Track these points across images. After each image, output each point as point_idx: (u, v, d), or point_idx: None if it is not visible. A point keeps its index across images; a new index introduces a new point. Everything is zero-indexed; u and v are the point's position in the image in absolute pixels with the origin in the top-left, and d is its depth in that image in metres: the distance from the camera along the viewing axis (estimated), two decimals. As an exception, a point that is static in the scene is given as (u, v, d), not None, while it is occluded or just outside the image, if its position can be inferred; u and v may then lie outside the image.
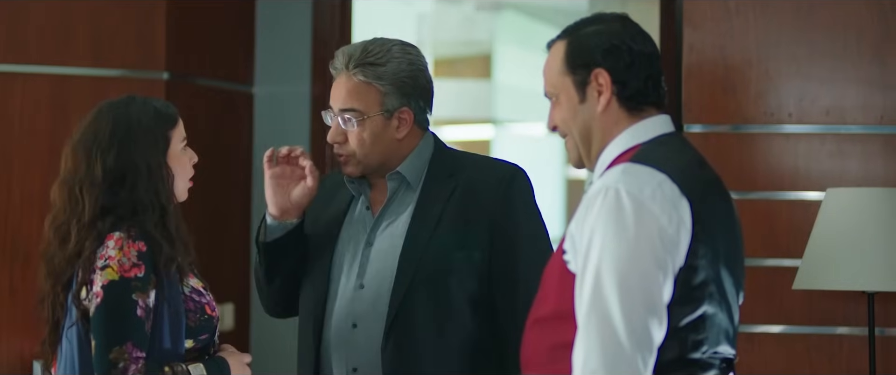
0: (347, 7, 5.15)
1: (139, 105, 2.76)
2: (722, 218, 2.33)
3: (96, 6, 4.53)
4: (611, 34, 2.38)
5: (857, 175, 4.03)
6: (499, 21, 11.14)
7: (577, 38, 2.40)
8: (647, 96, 2.38)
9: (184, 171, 2.79)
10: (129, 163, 2.69)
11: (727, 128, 4.11)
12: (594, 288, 2.20)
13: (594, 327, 2.18)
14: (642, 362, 2.18)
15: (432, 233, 2.87)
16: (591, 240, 2.23)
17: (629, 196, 2.22)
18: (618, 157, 2.34)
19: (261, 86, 5.14)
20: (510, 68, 11.51)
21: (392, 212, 2.93)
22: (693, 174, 2.31)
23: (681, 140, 2.42)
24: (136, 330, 2.61)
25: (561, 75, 2.41)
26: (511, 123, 11.68)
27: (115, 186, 2.69)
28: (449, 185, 2.91)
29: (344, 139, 2.92)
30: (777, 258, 4.05)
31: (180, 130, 2.79)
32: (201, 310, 2.73)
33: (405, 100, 2.91)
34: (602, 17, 2.43)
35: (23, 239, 4.42)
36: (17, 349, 4.39)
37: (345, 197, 3.01)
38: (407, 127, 2.92)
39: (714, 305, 2.28)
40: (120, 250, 2.63)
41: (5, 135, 4.49)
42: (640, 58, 2.37)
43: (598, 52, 2.36)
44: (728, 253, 2.32)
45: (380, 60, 2.89)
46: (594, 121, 2.38)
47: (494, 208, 2.88)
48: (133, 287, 2.61)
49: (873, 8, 4.04)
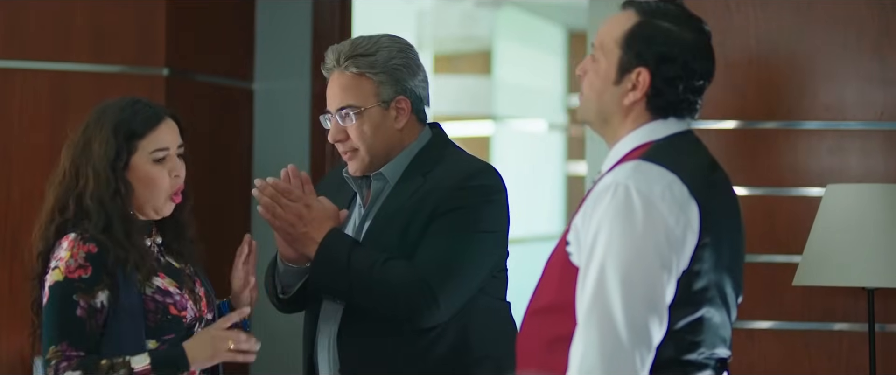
0: (347, 3, 5.15)
1: (115, 110, 2.75)
2: (728, 223, 2.33)
3: (96, 2, 4.53)
4: (676, 43, 2.32)
5: (857, 171, 4.03)
6: (498, 17, 11.13)
7: (649, 25, 2.34)
8: (676, 110, 2.36)
9: (155, 186, 2.74)
10: (79, 169, 2.72)
11: (728, 124, 4.11)
12: (597, 283, 2.20)
13: (595, 322, 2.19)
14: (640, 360, 2.18)
15: (381, 232, 2.88)
16: (596, 235, 2.23)
17: (639, 194, 2.22)
18: (630, 152, 2.33)
19: (261, 83, 5.14)
20: (510, 64, 11.51)
21: (371, 213, 2.94)
22: (704, 177, 2.30)
23: (695, 140, 2.40)
24: (72, 331, 2.62)
25: (614, 45, 2.35)
26: (511, 119, 11.68)
27: (68, 190, 2.72)
28: (417, 183, 2.90)
29: (345, 136, 2.92)
30: (777, 254, 4.05)
31: (155, 140, 2.74)
32: (163, 311, 2.71)
33: (400, 87, 2.91)
34: (683, 19, 2.36)
35: (23, 236, 4.38)
36: (17, 347, 4.39)
37: (348, 193, 3.02)
38: (405, 116, 2.92)
39: (714, 309, 2.28)
40: (70, 251, 2.66)
41: (5, 131, 4.49)
42: (691, 75, 2.33)
43: (655, 53, 2.32)
44: (731, 257, 2.32)
45: (370, 50, 2.90)
46: (616, 106, 2.36)
47: (441, 197, 2.86)
48: (76, 287, 2.63)
49: (873, 4, 4.04)
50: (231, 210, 5.00)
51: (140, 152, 2.73)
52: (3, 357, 4.43)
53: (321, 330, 2.94)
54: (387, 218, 2.88)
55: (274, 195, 2.86)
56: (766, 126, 4.10)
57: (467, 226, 2.84)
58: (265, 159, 5.09)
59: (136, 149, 2.73)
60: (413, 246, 2.83)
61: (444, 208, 2.84)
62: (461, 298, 2.84)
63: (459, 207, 2.84)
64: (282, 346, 4.42)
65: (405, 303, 2.80)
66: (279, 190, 2.87)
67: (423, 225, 2.83)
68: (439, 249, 2.82)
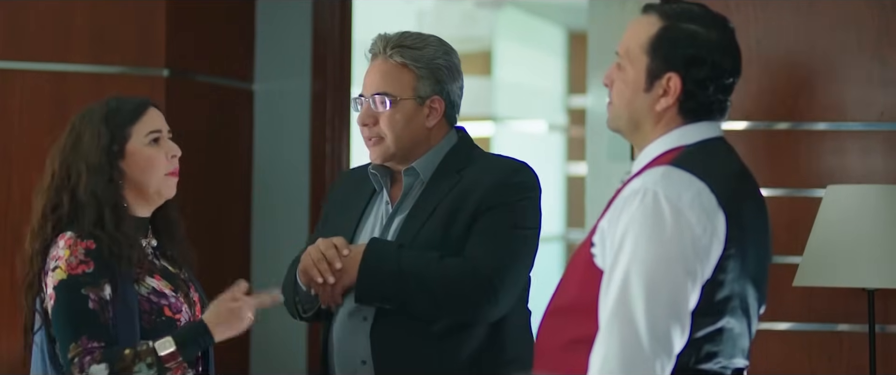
0: (347, 3, 5.14)
1: (98, 107, 2.77)
2: (755, 233, 2.31)
3: (96, 3, 4.52)
4: (703, 44, 2.31)
5: (857, 172, 4.03)
6: (499, 17, 11.12)
7: (673, 28, 2.32)
8: (708, 112, 2.34)
9: (153, 166, 2.76)
10: (71, 165, 2.73)
11: (727, 125, 4.10)
12: (621, 288, 2.19)
13: (617, 327, 2.18)
14: (661, 367, 2.17)
15: (420, 228, 2.87)
16: (623, 240, 2.22)
17: (667, 201, 2.21)
18: (660, 156, 2.32)
19: (261, 83, 5.14)
20: (510, 65, 11.49)
21: (404, 208, 2.94)
22: (733, 186, 2.29)
23: (726, 147, 2.39)
24: (89, 324, 2.62)
25: (640, 52, 2.33)
26: (511, 120, 11.66)
27: (60, 190, 2.72)
28: (453, 181, 2.91)
29: (374, 121, 2.92)
30: (777, 255, 4.04)
31: (147, 123, 2.76)
32: (157, 312, 2.71)
33: (438, 88, 2.93)
34: (707, 19, 2.35)
35: (23, 236, 4.39)
36: (18, 347, 4.37)
37: (367, 190, 3.01)
38: (437, 116, 2.94)
39: (735, 319, 2.27)
40: (69, 249, 2.66)
41: (5, 132, 4.48)
42: (721, 74, 2.32)
43: (684, 57, 2.30)
44: (756, 267, 2.31)
45: (417, 44, 2.92)
46: (648, 113, 2.34)
47: (484, 194, 2.87)
48: (82, 282, 2.63)
49: (873, 4, 4.03)
50: (231, 211, 5.00)
51: (134, 137, 2.75)
52: (3, 356, 4.43)
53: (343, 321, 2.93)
54: (424, 214, 2.89)
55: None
56: (766, 127, 4.09)
57: (514, 223, 2.87)
58: (265, 160, 5.08)
59: (130, 135, 2.75)
60: (457, 243, 2.84)
61: (488, 204, 2.85)
62: (515, 293, 2.88)
63: (504, 203, 2.86)
64: (282, 345, 4.42)
65: (466, 299, 2.81)
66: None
67: (467, 221, 2.85)
68: (492, 245, 2.83)
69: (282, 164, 5.07)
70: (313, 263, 2.85)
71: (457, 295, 2.81)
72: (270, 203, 5.04)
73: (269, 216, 5.04)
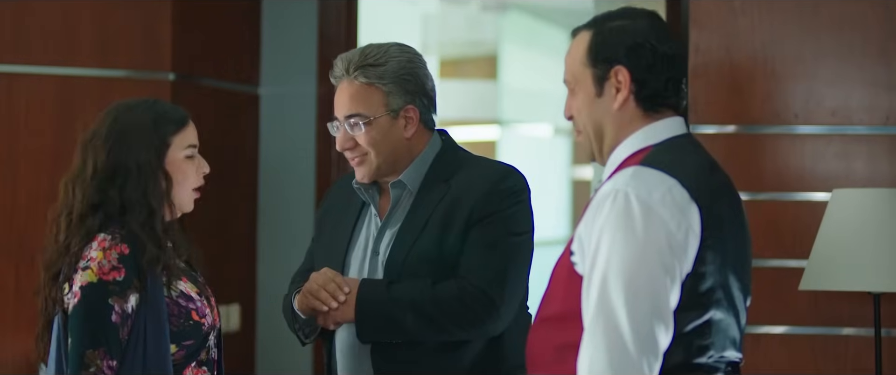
0: (353, 7, 5.15)
1: (144, 106, 2.76)
2: (731, 224, 2.32)
3: (102, 6, 4.53)
4: (636, 32, 2.35)
5: (863, 175, 4.02)
6: (504, 21, 11.13)
7: (603, 31, 2.37)
8: (665, 98, 2.36)
9: (186, 179, 2.77)
10: (119, 161, 2.70)
11: (733, 128, 4.11)
12: (601, 291, 2.20)
13: (600, 331, 2.18)
14: (648, 367, 2.17)
15: (415, 240, 2.87)
16: (598, 244, 2.23)
17: (638, 200, 2.21)
18: (629, 158, 2.33)
19: (267, 87, 5.15)
20: (516, 69, 11.51)
21: (395, 221, 2.94)
22: (703, 179, 2.30)
23: (693, 143, 2.40)
24: (109, 337, 2.61)
25: (582, 66, 2.38)
26: (517, 124, 11.68)
27: (105, 184, 2.70)
28: (441, 191, 2.90)
29: (353, 144, 2.92)
30: (783, 258, 4.05)
31: (187, 137, 2.77)
32: (186, 315, 2.71)
33: (409, 97, 2.91)
34: (631, 13, 2.40)
35: (28, 239, 4.42)
36: (23, 349, 4.39)
37: (357, 202, 3.01)
38: (414, 125, 2.92)
39: (721, 311, 2.28)
40: (102, 252, 2.64)
41: (11, 135, 4.49)
42: (663, 59, 2.34)
43: (622, 49, 2.34)
44: (736, 258, 2.31)
45: (379, 61, 2.89)
46: (608, 117, 2.36)
47: (476, 203, 2.86)
48: (110, 291, 2.62)
49: (878, 8, 4.03)
50: (237, 214, 5.00)
51: (174, 147, 2.75)
52: (9, 358, 4.44)
53: (343, 337, 2.94)
54: (416, 228, 2.88)
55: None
56: (771, 130, 4.09)
57: (507, 231, 2.86)
58: (271, 163, 5.09)
59: (171, 144, 2.75)
60: (452, 256, 2.84)
61: (480, 215, 2.85)
62: (516, 302, 2.87)
63: (496, 212, 2.85)
64: (287, 347, 4.43)
65: (468, 318, 2.82)
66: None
67: (460, 233, 2.84)
68: (487, 256, 2.83)
69: (288, 168, 5.07)
70: (313, 295, 2.87)
71: (458, 318, 2.82)
72: (276, 206, 5.05)
73: (275, 219, 5.05)
